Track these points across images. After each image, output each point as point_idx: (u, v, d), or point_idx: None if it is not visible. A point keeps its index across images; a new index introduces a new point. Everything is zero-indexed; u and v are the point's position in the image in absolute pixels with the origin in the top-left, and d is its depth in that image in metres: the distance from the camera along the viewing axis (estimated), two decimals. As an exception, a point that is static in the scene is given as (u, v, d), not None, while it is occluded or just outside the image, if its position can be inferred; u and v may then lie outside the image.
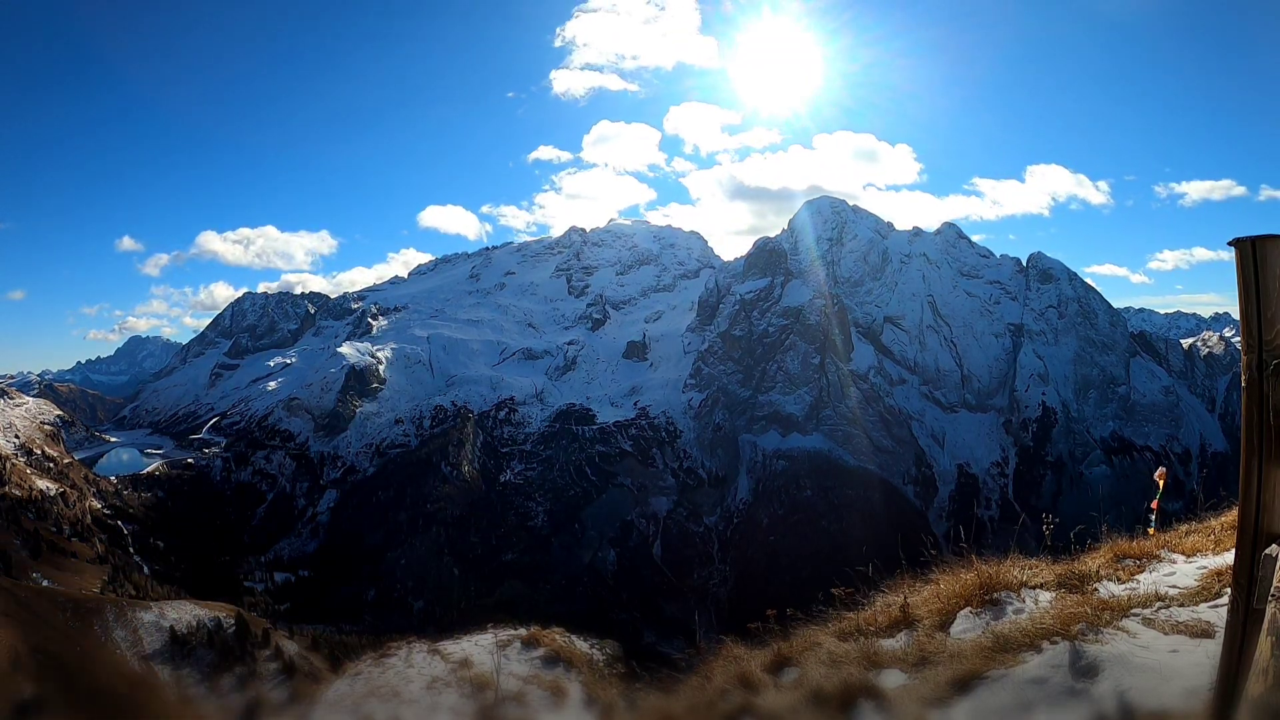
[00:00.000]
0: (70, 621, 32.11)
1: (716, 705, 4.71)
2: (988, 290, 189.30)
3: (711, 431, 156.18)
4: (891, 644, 5.11)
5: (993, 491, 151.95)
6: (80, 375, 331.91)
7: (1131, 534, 6.33)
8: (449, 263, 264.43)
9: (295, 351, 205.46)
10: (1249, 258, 2.70)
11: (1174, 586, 5.03)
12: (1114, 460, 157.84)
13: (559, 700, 6.53)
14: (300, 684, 26.51)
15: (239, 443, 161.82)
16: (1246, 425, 2.81)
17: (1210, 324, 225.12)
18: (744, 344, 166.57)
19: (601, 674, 7.39)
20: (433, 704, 6.42)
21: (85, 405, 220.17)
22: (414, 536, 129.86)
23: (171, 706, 28.04)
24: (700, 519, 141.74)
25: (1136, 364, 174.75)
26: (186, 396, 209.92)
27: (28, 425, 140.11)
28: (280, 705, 9.84)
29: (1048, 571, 5.66)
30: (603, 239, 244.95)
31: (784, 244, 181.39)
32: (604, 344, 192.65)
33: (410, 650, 7.70)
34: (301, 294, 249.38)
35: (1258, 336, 2.72)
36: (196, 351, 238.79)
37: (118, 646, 32.14)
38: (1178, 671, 3.64)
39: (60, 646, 28.65)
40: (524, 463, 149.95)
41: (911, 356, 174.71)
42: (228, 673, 30.60)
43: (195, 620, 34.47)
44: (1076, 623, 4.30)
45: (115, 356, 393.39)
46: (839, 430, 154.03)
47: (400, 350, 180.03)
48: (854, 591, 6.15)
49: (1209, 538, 6.11)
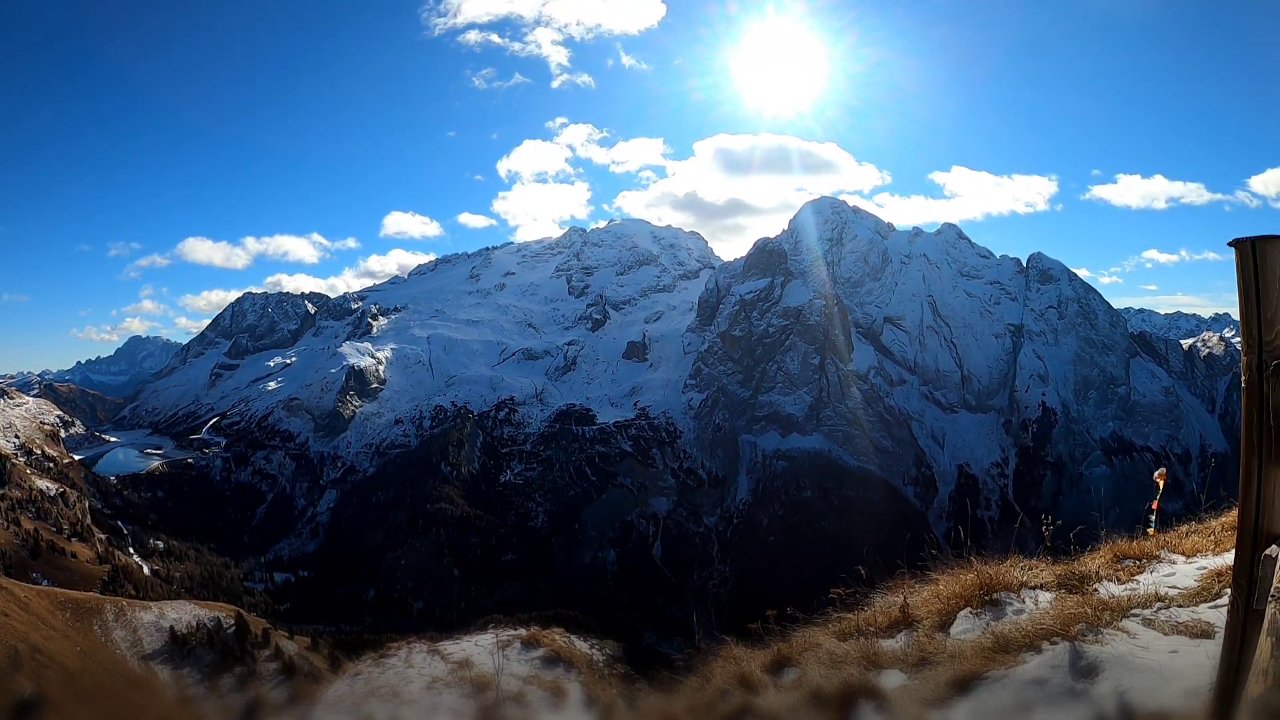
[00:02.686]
0: (70, 621, 32.11)
1: (716, 705, 4.71)
2: (988, 290, 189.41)
3: (711, 432, 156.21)
4: (891, 644, 5.11)
5: (993, 492, 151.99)
6: (80, 375, 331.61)
7: (1131, 534, 6.34)
8: (449, 263, 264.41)
9: (295, 352, 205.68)
10: (1249, 258, 2.70)
11: (1174, 587, 5.03)
12: (1114, 461, 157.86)
13: (559, 700, 6.53)
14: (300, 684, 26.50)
15: (239, 443, 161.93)
16: (1246, 425, 2.81)
17: (1210, 324, 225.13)
18: (744, 344, 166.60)
19: (601, 674, 7.40)
20: (433, 704, 6.43)
21: (85, 405, 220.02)
22: (414, 537, 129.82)
23: (171, 706, 28.06)
24: (700, 519, 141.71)
25: (1136, 364, 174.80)
26: (186, 396, 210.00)
27: (28, 425, 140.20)
28: (280, 705, 9.84)
29: (1048, 572, 5.66)
30: (603, 239, 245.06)
31: (784, 244, 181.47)
32: (604, 344, 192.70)
33: (410, 650, 7.71)
34: (301, 294, 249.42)
35: (1258, 337, 2.72)
36: (196, 352, 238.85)
37: (118, 646, 32.16)
38: (1178, 672, 3.64)
39: (60, 646, 28.65)
40: (524, 463, 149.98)
41: (911, 357, 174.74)
42: (228, 673, 30.61)
43: (195, 620, 34.48)
44: (1076, 623, 4.30)
45: (115, 357, 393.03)
46: (839, 431, 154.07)
47: (400, 350, 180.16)
48: (854, 592, 6.15)
49: (1209, 538, 6.11)
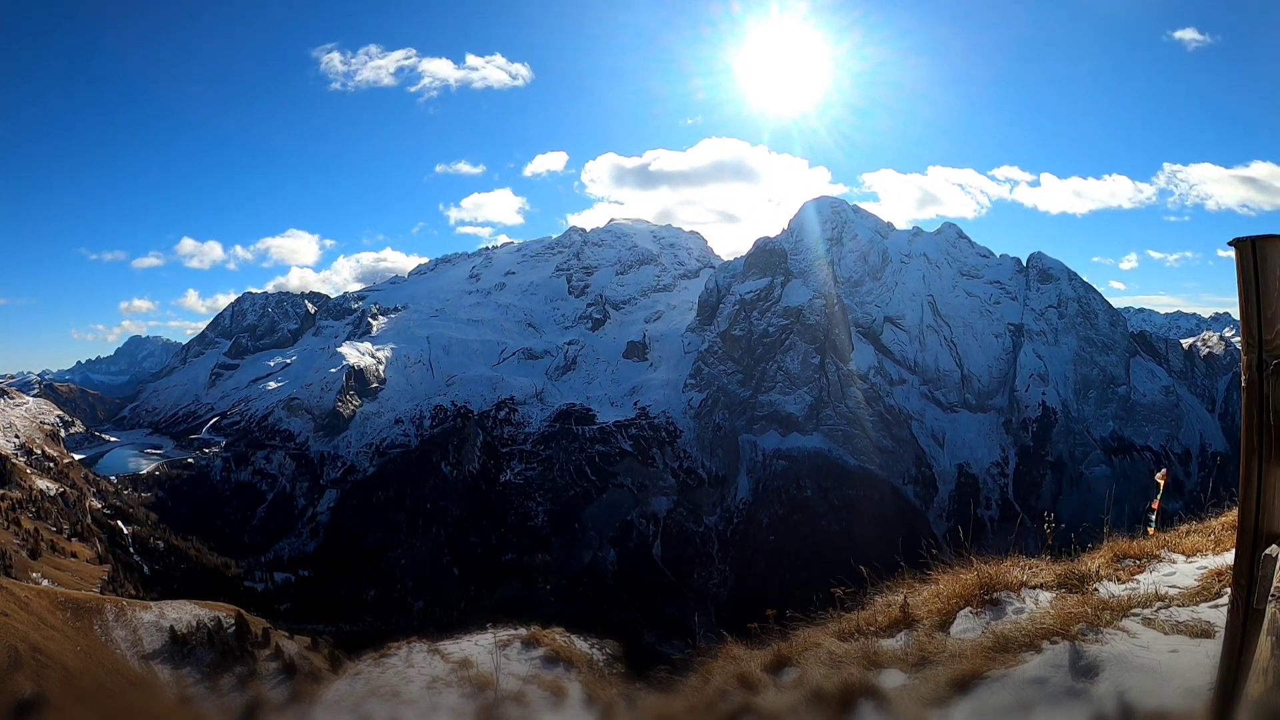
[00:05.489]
0: (70, 621, 32.09)
1: (716, 705, 4.70)
2: (988, 290, 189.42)
3: (711, 431, 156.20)
4: (891, 644, 5.11)
5: (993, 492, 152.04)
6: (80, 375, 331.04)
7: (1131, 534, 6.34)
8: (449, 263, 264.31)
9: (295, 351, 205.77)
10: (1249, 258, 2.69)
11: (1174, 587, 5.03)
12: (1114, 460, 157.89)
13: (559, 700, 6.53)
14: (300, 684, 26.53)
15: (239, 443, 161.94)
16: (1246, 425, 2.81)
17: (1210, 324, 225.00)
18: (744, 344, 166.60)
19: (601, 674, 7.40)
20: (433, 704, 6.42)
21: (85, 405, 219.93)
22: (414, 536, 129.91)
23: (171, 706, 28.04)
24: (700, 519, 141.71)
25: (1136, 364, 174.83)
26: (186, 396, 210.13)
27: (28, 425, 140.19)
28: (280, 705, 9.83)
29: (1048, 572, 5.66)
30: (603, 239, 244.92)
31: (784, 244, 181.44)
32: (604, 344, 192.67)
33: (410, 650, 7.71)
34: (301, 294, 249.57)
35: (1258, 336, 2.71)
36: (196, 351, 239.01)
37: (117, 646, 32.13)
38: (1178, 672, 3.64)
39: (60, 646, 28.64)
40: (524, 463, 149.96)
41: (911, 356, 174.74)
42: (228, 672, 30.57)
43: (195, 620, 34.44)
44: (1076, 623, 4.30)
45: (115, 356, 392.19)
46: (839, 430, 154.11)
47: (400, 350, 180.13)
48: (854, 591, 6.14)
49: (1209, 538, 6.11)
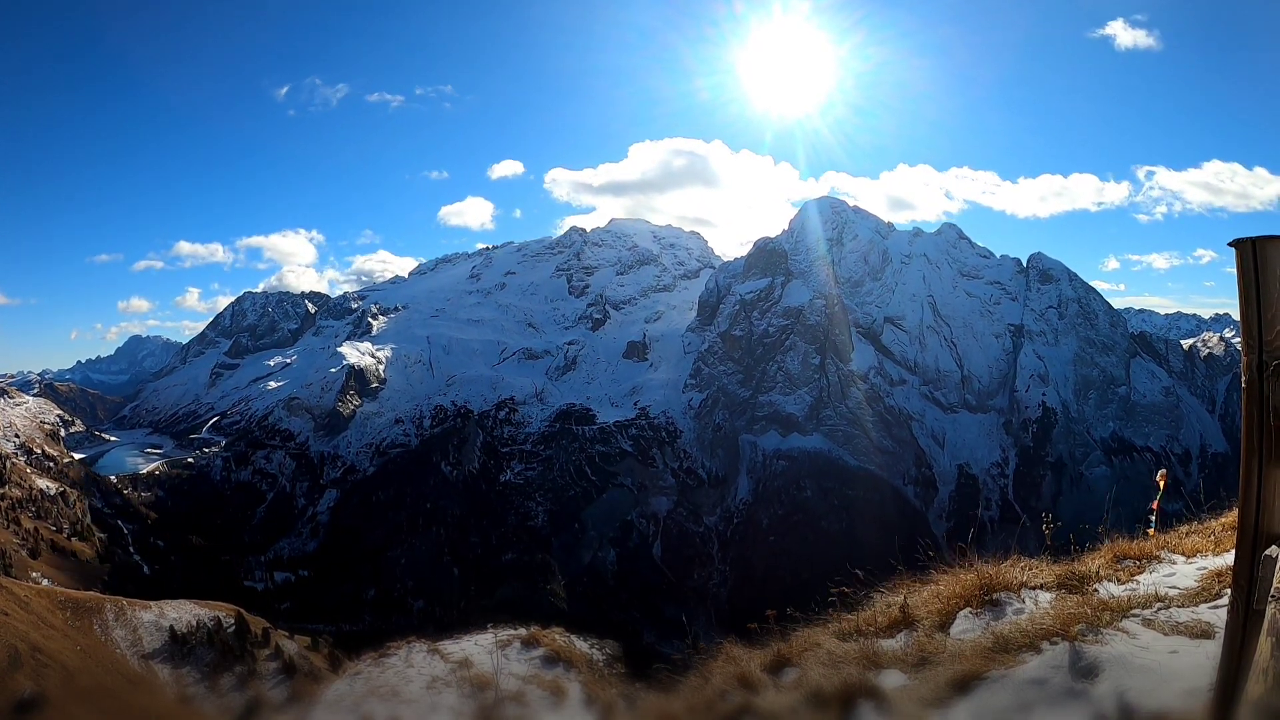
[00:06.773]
0: (70, 621, 32.10)
1: (716, 705, 4.71)
2: (988, 290, 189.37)
3: (711, 431, 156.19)
4: (891, 644, 5.11)
5: (993, 492, 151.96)
6: (80, 375, 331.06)
7: (1131, 535, 6.34)
8: (449, 262, 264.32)
9: (295, 351, 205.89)
10: (1249, 259, 2.69)
11: (1174, 587, 5.03)
12: (1114, 461, 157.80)
13: (559, 700, 6.53)
14: (300, 684, 26.54)
15: (239, 442, 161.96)
16: (1246, 426, 2.81)
17: (1210, 325, 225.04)
18: (744, 344, 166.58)
19: (601, 674, 7.39)
20: (433, 704, 6.43)
21: (85, 405, 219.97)
22: (414, 536, 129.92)
23: (171, 706, 28.06)
24: (700, 519, 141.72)
25: (1137, 365, 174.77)
26: (186, 396, 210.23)
27: (28, 425, 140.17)
28: (280, 704, 9.85)
29: (1048, 572, 5.66)
30: (603, 239, 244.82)
31: (784, 244, 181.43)
32: (604, 344, 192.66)
33: (410, 650, 7.72)
34: (301, 294, 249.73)
35: (1258, 337, 2.71)
36: (196, 351, 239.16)
37: (117, 646, 32.14)
38: (1177, 672, 3.64)
39: (60, 646, 28.64)
40: (524, 463, 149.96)
41: (911, 357, 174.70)
42: (228, 672, 30.60)
43: (195, 620, 34.45)
44: (1076, 623, 4.30)
45: (115, 356, 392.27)
46: (839, 431, 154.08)
47: (400, 350, 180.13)
48: (854, 592, 6.14)
49: (1209, 538, 6.11)
